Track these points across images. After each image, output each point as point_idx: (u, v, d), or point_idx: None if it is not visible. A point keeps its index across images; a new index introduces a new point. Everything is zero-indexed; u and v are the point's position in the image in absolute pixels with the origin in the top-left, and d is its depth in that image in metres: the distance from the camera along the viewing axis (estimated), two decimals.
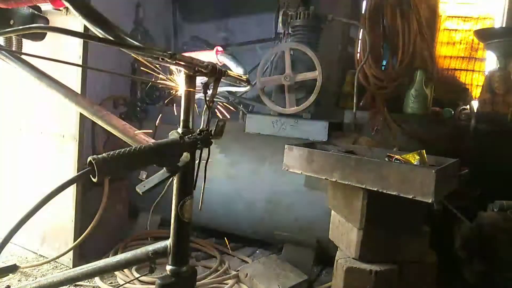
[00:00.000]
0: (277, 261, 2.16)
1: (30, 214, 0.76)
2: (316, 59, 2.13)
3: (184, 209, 0.97)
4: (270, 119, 2.32)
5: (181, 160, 0.93)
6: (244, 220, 2.29)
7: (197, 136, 0.94)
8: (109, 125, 1.05)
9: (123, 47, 0.81)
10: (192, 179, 0.99)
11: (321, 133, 2.21)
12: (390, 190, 1.35)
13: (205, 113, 0.99)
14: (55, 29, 0.79)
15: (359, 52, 3.09)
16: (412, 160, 1.55)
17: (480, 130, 2.88)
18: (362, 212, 1.48)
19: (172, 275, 0.98)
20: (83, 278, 1.11)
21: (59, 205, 2.06)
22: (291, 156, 1.62)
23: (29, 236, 2.22)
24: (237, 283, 2.04)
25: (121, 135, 1.04)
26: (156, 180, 0.90)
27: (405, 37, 2.91)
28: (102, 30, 0.76)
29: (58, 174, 2.12)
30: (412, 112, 3.07)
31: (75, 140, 2.06)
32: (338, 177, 1.47)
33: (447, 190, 1.43)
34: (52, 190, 0.74)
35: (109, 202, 2.22)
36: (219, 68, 0.98)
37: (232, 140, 2.32)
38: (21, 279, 1.99)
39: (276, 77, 2.26)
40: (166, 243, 1.00)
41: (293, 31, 2.40)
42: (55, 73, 1.15)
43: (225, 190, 2.28)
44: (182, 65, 0.92)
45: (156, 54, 0.85)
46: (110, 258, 1.09)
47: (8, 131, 2.35)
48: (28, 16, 1.27)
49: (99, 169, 0.74)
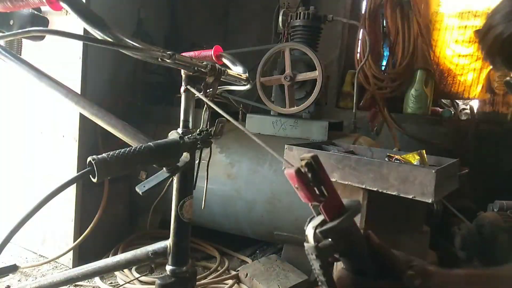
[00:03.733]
0: (277, 261, 2.16)
1: (30, 214, 0.76)
2: (316, 59, 2.13)
3: (184, 209, 0.97)
4: (270, 119, 2.33)
5: (181, 160, 0.93)
6: (244, 220, 2.29)
7: (197, 136, 0.94)
8: (109, 125, 1.05)
9: (122, 48, 0.81)
10: (192, 179, 0.99)
11: (321, 133, 2.21)
12: (390, 190, 1.35)
13: (205, 113, 0.99)
14: (54, 32, 0.79)
15: (359, 52, 3.10)
16: (412, 160, 1.55)
17: (480, 130, 2.88)
18: (362, 212, 1.48)
19: (172, 275, 0.98)
20: (83, 278, 1.11)
21: (59, 205, 2.07)
22: (291, 156, 1.62)
23: (29, 236, 2.22)
24: (237, 283, 2.04)
25: (121, 135, 1.04)
26: (156, 180, 0.90)
27: (405, 37, 2.92)
28: (100, 31, 0.76)
29: (58, 174, 2.12)
30: (412, 112, 3.08)
31: (75, 140, 2.06)
32: (338, 177, 1.47)
33: (447, 190, 1.43)
34: (52, 190, 0.74)
35: (109, 202, 2.23)
36: (218, 67, 0.98)
37: (232, 140, 2.33)
38: (21, 279, 2.00)
39: (276, 77, 2.26)
40: (166, 243, 1.00)
41: (293, 31, 2.40)
42: (55, 73, 1.15)
43: (225, 190, 2.28)
44: (182, 65, 0.92)
45: (155, 54, 0.85)
46: (110, 258, 1.09)
47: (9, 131, 2.35)
48: (28, 17, 1.27)
49: (99, 169, 0.74)
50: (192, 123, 0.99)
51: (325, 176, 0.52)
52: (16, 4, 0.86)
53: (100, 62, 2.17)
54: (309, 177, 0.51)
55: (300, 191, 0.52)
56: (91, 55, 2.05)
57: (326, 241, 0.52)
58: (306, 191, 0.52)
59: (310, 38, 2.36)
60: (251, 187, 2.22)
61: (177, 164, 0.91)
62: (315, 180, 0.52)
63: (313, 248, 0.52)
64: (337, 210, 0.53)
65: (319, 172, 0.52)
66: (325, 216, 0.53)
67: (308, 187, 0.52)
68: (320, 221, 0.53)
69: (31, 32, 0.86)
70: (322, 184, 0.52)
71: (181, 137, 0.91)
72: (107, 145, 2.27)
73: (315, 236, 0.53)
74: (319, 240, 0.53)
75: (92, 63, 2.09)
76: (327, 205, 0.52)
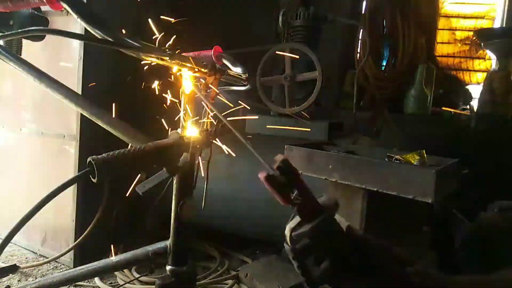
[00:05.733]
0: (277, 261, 2.16)
1: (30, 214, 0.76)
2: (316, 59, 2.13)
3: (184, 209, 0.97)
4: (270, 119, 2.33)
5: (181, 160, 0.93)
6: (244, 220, 2.29)
7: (197, 136, 0.94)
8: (109, 125, 1.05)
9: (122, 47, 0.81)
10: (192, 179, 0.99)
11: (321, 133, 2.21)
12: (390, 190, 1.35)
13: (205, 113, 0.99)
14: (54, 32, 0.80)
15: (359, 52, 3.10)
16: (412, 160, 1.55)
17: (480, 130, 2.88)
18: (362, 213, 1.48)
19: (172, 275, 0.98)
20: (83, 278, 1.11)
21: (59, 205, 2.07)
22: (291, 156, 1.62)
23: (29, 236, 2.23)
24: (237, 283, 2.04)
25: (121, 135, 1.04)
26: (156, 180, 0.90)
27: (405, 37, 2.92)
28: (100, 31, 0.77)
29: (58, 175, 2.12)
30: (412, 112, 3.07)
31: (75, 140, 2.06)
32: (338, 177, 1.47)
33: (447, 190, 1.43)
34: (52, 190, 0.74)
35: (109, 202, 2.22)
36: (218, 67, 0.99)
37: (232, 140, 2.32)
38: (21, 279, 2.00)
39: (276, 77, 2.26)
40: (166, 243, 1.00)
41: (293, 31, 2.40)
42: (55, 73, 1.15)
43: (225, 190, 2.28)
44: (182, 65, 0.92)
45: (155, 54, 0.85)
46: (110, 258, 1.09)
47: (9, 131, 2.35)
48: (28, 17, 1.27)
49: (99, 169, 0.74)
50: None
51: (297, 178, 0.52)
52: (16, 4, 0.87)
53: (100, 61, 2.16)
54: (282, 181, 0.51)
55: (274, 195, 0.52)
56: (91, 55, 2.05)
57: (303, 242, 0.53)
58: (278, 195, 0.52)
59: (310, 38, 2.36)
60: (251, 187, 2.22)
61: (177, 164, 0.91)
62: (288, 183, 0.52)
63: (289, 250, 0.54)
64: (313, 212, 0.53)
65: (291, 175, 0.52)
66: (301, 218, 0.53)
67: (281, 190, 0.52)
68: (296, 223, 0.54)
69: (31, 32, 0.86)
70: (295, 186, 0.52)
71: (181, 137, 0.91)
72: (107, 145, 2.27)
73: (291, 238, 0.54)
74: (297, 241, 0.53)
75: (92, 63, 2.08)
76: (301, 208, 0.53)
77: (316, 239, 0.53)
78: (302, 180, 0.53)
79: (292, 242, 0.54)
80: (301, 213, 0.54)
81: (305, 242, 0.53)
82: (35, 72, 1.13)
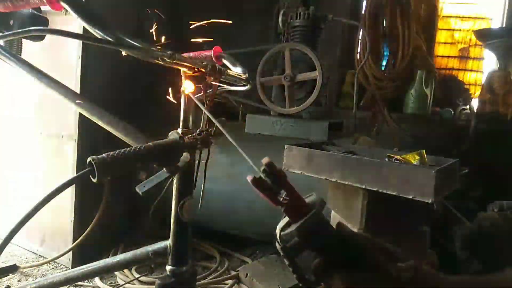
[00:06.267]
0: (277, 261, 2.15)
1: (30, 214, 0.76)
2: (316, 59, 2.13)
3: (184, 209, 0.97)
4: (270, 119, 2.32)
5: (181, 160, 0.93)
6: (244, 220, 2.29)
7: (197, 136, 0.94)
8: (109, 125, 1.05)
9: (121, 47, 0.81)
10: (192, 179, 0.99)
11: (321, 133, 2.21)
12: (390, 190, 1.35)
13: (205, 113, 0.99)
14: (54, 32, 0.79)
15: (359, 52, 3.10)
16: (412, 160, 1.55)
17: (480, 130, 2.88)
18: (362, 212, 1.48)
19: (172, 276, 0.98)
20: (83, 278, 1.11)
21: (59, 205, 2.06)
22: (291, 156, 1.61)
23: (29, 236, 2.22)
24: (237, 283, 2.04)
25: (121, 135, 1.04)
26: (156, 180, 0.90)
27: (405, 37, 2.92)
28: (100, 31, 0.76)
29: (57, 175, 2.12)
30: (412, 112, 3.08)
31: (74, 140, 2.06)
32: (338, 177, 1.47)
33: (447, 190, 1.42)
34: (52, 191, 0.74)
35: (109, 202, 2.22)
36: (218, 67, 0.99)
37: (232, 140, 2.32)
38: (21, 279, 2.00)
39: (276, 77, 2.26)
40: (166, 243, 1.00)
41: (293, 31, 2.40)
42: (55, 73, 1.15)
43: (225, 190, 2.28)
44: (182, 65, 0.92)
45: (155, 54, 0.85)
46: (110, 258, 1.09)
47: (8, 131, 2.35)
48: (28, 17, 1.27)
49: (98, 169, 0.74)
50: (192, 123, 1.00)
51: (283, 179, 0.55)
52: (16, 4, 0.87)
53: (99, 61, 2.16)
54: (269, 183, 0.55)
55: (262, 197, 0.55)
56: (91, 55, 2.05)
57: (293, 241, 0.56)
58: (266, 197, 0.55)
59: (310, 38, 2.36)
60: (251, 187, 2.22)
61: (177, 164, 0.91)
62: (274, 185, 0.55)
63: (280, 249, 0.56)
64: (300, 212, 0.55)
65: (276, 177, 0.55)
66: (289, 218, 0.56)
67: (268, 193, 0.55)
68: (285, 223, 0.57)
69: (31, 32, 0.86)
70: (282, 188, 0.55)
71: (181, 137, 0.91)
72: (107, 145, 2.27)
73: (281, 237, 0.56)
74: (287, 240, 0.56)
75: (92, 63, 2.08)
76: (289, 208, 0.56)
77: (304, 237, 0.55)
78: (287, 181, 0.56)
79: (282, 242, 0.57)
80: (289, 214, 0.56)
81: (294, 241, 0.56)
82: (35, 72, 1.13)
